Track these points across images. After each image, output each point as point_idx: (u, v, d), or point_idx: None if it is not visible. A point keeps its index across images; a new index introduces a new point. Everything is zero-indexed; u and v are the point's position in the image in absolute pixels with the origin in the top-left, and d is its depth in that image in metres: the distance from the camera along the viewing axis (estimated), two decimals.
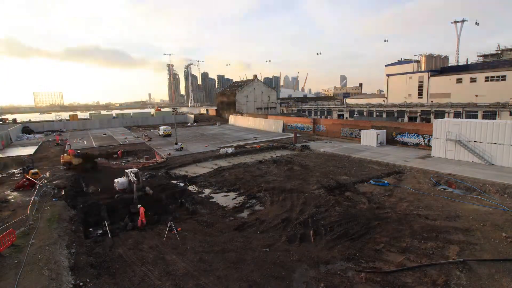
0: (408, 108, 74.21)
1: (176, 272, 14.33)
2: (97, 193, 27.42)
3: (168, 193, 26.76)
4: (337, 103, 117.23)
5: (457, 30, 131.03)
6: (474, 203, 21.89)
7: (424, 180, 27.72)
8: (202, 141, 56.31)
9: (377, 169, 32.35)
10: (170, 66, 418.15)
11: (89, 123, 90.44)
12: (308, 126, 63.73)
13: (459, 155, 35.11)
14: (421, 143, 43.26)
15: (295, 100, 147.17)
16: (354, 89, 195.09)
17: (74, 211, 22.50)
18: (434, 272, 13.65)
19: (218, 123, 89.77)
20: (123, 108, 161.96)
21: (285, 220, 20.24)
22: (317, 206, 22.19)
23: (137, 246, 17.15)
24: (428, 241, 16.47)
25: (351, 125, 55.76)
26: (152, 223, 20.91)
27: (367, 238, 17.43)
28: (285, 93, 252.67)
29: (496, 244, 15.87)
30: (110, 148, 50.01)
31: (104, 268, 14.93)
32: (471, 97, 75.59)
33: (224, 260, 15.38)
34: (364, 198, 23.87)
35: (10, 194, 26.19)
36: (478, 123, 34.45)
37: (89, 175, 32.88)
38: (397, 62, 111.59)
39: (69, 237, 18.03)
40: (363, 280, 13.31)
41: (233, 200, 25.88)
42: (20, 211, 21.36)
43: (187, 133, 71.31)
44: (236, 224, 20.19)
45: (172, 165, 37.88)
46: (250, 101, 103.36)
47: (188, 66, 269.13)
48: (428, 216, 19.97)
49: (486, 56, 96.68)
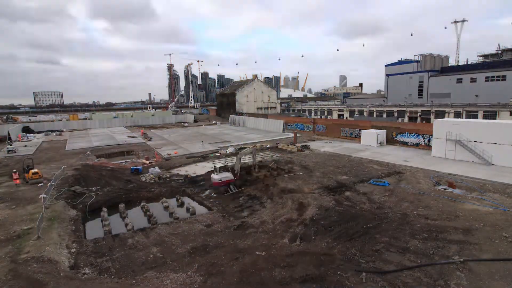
0: (408, 108, 74.20)
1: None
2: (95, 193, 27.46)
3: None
4: (337, 103, 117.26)
5: (457, 30, 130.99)
6: (474, 203, 21.88)
7: (424, 180, 27.72)
8: (202, 141, 56.27)
9: (377, 169, 32.34)
10: (170, 66, 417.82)
11: (89, 123, 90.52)
12: (308, 126, 63.75)
13: (459, 155, 35.11)
14: (421, 143, 43.27)
15: (295, 100, 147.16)
16: (354, 89, 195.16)
17: (75, 210, 22.56)
18: (434, 272, 13.66)
19: (218, 123, 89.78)
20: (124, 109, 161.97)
21: (286, 220, 20.24)
22: (317, 206, 22.20)
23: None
24: (428, 241, 16.47)
25: (351, 125, 55.78)
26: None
27: (367, 238, 17.42)
28: (285, 93, 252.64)
29: (496, 244, 15.87)
30: (110, 148, 50.04)
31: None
32: (471, 97, 75.60)
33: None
34: (364, 198, 23.88)
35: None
36: (478, 123, 34.47)
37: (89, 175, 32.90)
38: (397, 62, 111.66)
39: (69, 237, 18.06)
40: (363, 280, 13.31)
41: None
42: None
43: (187, 132, 71.33)
44: (236, 224, 20.21)
45: (172, 164, 37.91)
46: (250, 101, 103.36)
47: (188, 66, 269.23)
48: (428, 216, 19.97)
49: (486, 56, 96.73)
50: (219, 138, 60.77)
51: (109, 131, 78.57)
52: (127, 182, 30.82)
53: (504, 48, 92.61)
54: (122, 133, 72.70)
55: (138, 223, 21.70)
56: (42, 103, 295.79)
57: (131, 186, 29.64)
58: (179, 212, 23.64)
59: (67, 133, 75.61)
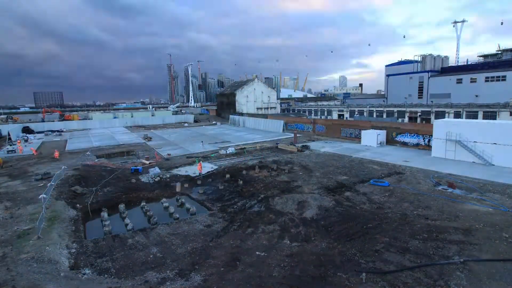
0: (408, 108, 74.23)
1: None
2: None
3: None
4: (337, 103, 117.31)
5: (457, 31, 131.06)
6: (474, 203, 21.88)
7: (424, 180, 27.72)
8: (202, 142, 56.26)
9: (377, 169, 32.35)
10: (170, 66, 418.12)
11: (89, 123, 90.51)
12: (308, 126, 63.76)
13: (459, 155, 35.12)
14: (421, 143, 43.27)
15: (295, 100, 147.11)
16: (354, 89, 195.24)
17: (75, 211, 22.56)
18: (434, 272, 13.66)
19: (218, 123, 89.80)
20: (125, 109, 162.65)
21: (286, 221, 20.25)
22: (317, 206, 22.22)
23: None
24: (428, 241, 16.48)
25: (351, 125, 55.78)
26: None
27: (367, 238, 17.43)
28: (285, 93, 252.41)
29: (496, 244, 15.87)
30: (110, 148, 50.04)
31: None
32: (471, 97, 75.61)
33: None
34: (364, 198, 23.88)
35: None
36: (478, 123, 34.49)
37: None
38: (397, 62, 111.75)
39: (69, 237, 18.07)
40: (363, 280, 13.32)
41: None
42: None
43: (187, 133, 71.34)
44: (236, 224, 20.20)
45: (172, 165, 37.89)
46: (250, 101, 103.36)
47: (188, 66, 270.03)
48: (428, 216, 19.97)
49: (486, 56, 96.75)
50: (219, 138, 60.76)
51: (109, 131, 78.59)
52: (127, 182, 30.83)
53: (504, 48, 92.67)
54: (122, 133, 72.74)
55: (138, 223, 21.70)
56: (42, 103, 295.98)
57: (131, 186, 29.64)
58: (179, 213, 23.65)
59: (67, 133, 75.65)
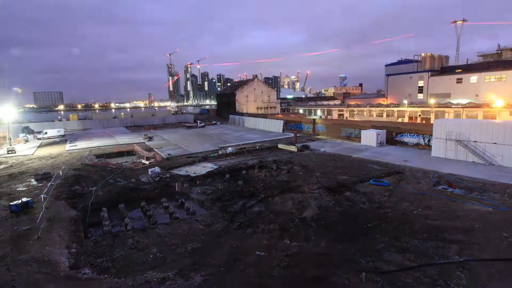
0: (408, 108, 74.22)
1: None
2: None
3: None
4: (337, 103, 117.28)
5: (457, 30, 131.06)
6: (474, 203, 21.86)
7: (424, 180, 27.71)
8: (202, 141, 56.30)
9: (377, 169, 32.34)
10: (170, 66, 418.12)
11: (89, 123, 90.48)
12: (308, 126, 63.73)
13: (459, 155, 35.11)
14: (421, 143, 43.26)
15: (295, 100, 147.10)
16: (354, 89, 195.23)
17: (75, 210, 22.56)
18: (434, 272, 13.65)
19: (218, 123, 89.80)
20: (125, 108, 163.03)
21: (286, 220, 20.24)
22: (317, 206, 22.21)
23: None
24: (428, 241, 16.46)
25: (351, 125, 55.77)
26: None
27: (367, 238, 17.42)
28: (285, 93, 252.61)
29: (496, 244, 15.85)
30: (110, 148, 50.04)
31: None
32: (471, 97, 75.57)
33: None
34: (364, 198, 23.87)
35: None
36: (478, 123, 34.47)
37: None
38: (397, 62, 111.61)
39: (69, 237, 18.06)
40: (363, 280, 13.31)
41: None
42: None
43: (187, 132, 71.35)
44: (236, 224, 20.19)
45: (173, 164, 37.91)
46: (250, 101, 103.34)
47: (188, 66, 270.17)
48: (428, 216, 19.96)
49: (486, 56, 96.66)
50: (219, 138, 60.77)
51: (109, 131, 78.58)
52: (127, 182, 30.84)
53: (504, 48, 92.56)
54: (122, 133, 72.71)
55: (138, 223, 21.72)
56: (42, 103, 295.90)
57: (131, 186, 29.64)
58: (179, 212, 23.67)
59: (67, 133, 75.60)
